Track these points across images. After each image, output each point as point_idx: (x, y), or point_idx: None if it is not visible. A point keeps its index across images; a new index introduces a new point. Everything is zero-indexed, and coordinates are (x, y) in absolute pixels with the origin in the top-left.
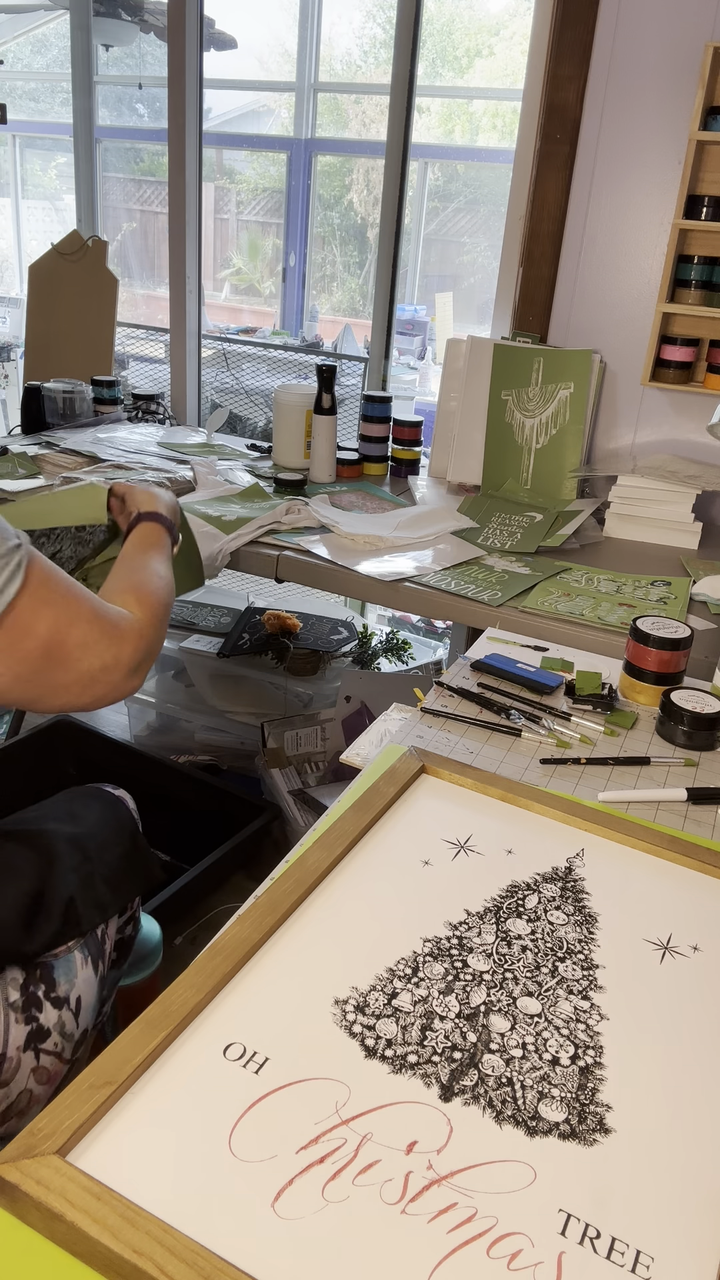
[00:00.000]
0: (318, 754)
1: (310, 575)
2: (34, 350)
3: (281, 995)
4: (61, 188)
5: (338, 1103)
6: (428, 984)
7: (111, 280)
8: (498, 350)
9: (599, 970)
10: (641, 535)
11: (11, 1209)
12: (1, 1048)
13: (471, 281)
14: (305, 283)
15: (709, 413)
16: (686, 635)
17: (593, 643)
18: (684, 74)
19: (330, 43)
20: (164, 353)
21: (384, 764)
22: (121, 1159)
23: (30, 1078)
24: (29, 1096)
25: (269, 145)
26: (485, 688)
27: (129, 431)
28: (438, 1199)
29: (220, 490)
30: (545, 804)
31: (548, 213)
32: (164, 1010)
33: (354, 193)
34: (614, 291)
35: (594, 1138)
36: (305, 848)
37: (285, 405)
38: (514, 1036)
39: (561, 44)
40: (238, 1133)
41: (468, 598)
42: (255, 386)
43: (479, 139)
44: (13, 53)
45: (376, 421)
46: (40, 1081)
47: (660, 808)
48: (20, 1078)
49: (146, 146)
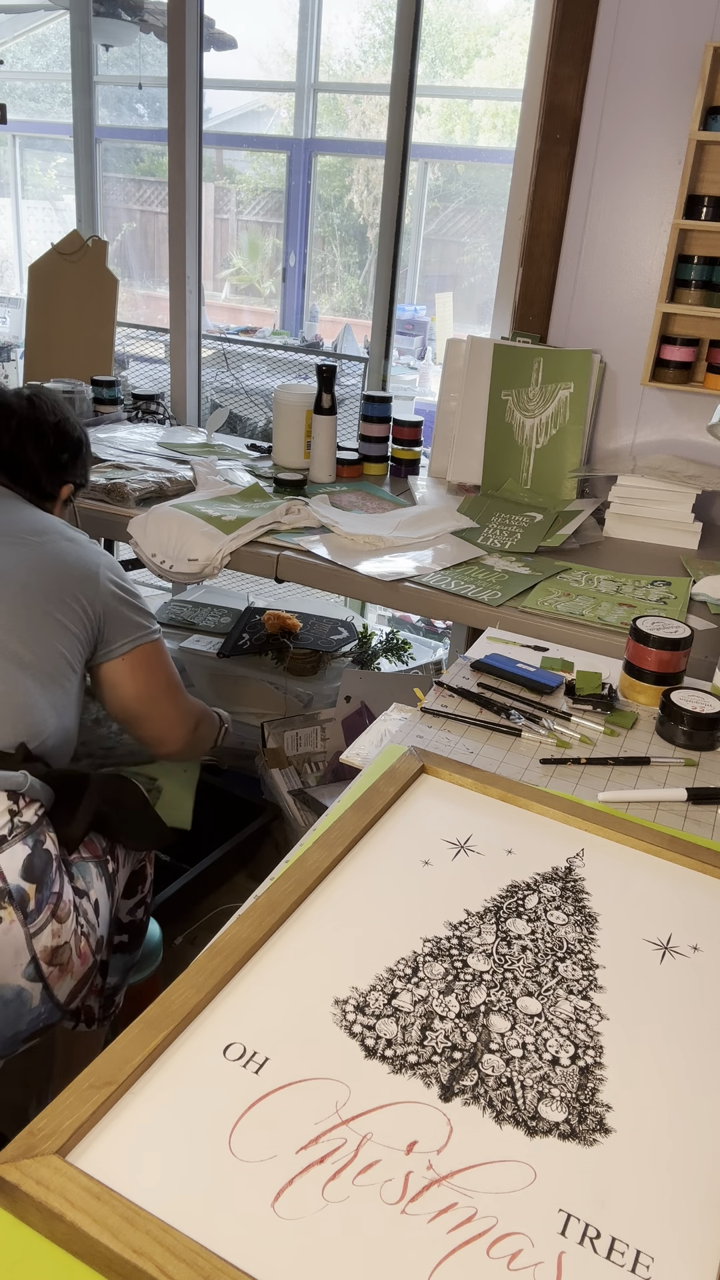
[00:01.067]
0: (318, 754)
1: (310, 575)
2: (34, 350)
3: (281, 995)
4: (61, 188)
5: (338, 1103)
6: (428, 984)
7: (111, 280)
8: (498, 350)
9: (599, 970)
10: (641, 535)
11: (11, 1209)
12: (59, 888)
13: (471, 281)
14: (305, 283)
15: (709, 413)
16: (686, 635)
17: (593, 643)
18: (684, 74)
19: (330, 43)
20: (164, 353)
21: (384, 764)
22: (121, 1159)
23: (73, 935)
24: (70, 954)
25: (269, 145)
26: (485, 688)
27: (129, 431)
28: (438, 1199)
29: (220, 490)
30: (545, 804)
31: (548, 213)
32: (164, 1010)
33: (354, 193)
34: (614, 291)
35: (594, 1138)
36: (305, 848)
37: (285, 405)
38: (514, 1036)
39: (561, 44)
40: (238, 1133)
41: (468, 598)
42: (255, 386)
43: (479, 139)
44: (13, 53)
45: (376, 421)
46: (78, 952)
47: (660, 808)
48: (69, 927)
49: (146, 146)
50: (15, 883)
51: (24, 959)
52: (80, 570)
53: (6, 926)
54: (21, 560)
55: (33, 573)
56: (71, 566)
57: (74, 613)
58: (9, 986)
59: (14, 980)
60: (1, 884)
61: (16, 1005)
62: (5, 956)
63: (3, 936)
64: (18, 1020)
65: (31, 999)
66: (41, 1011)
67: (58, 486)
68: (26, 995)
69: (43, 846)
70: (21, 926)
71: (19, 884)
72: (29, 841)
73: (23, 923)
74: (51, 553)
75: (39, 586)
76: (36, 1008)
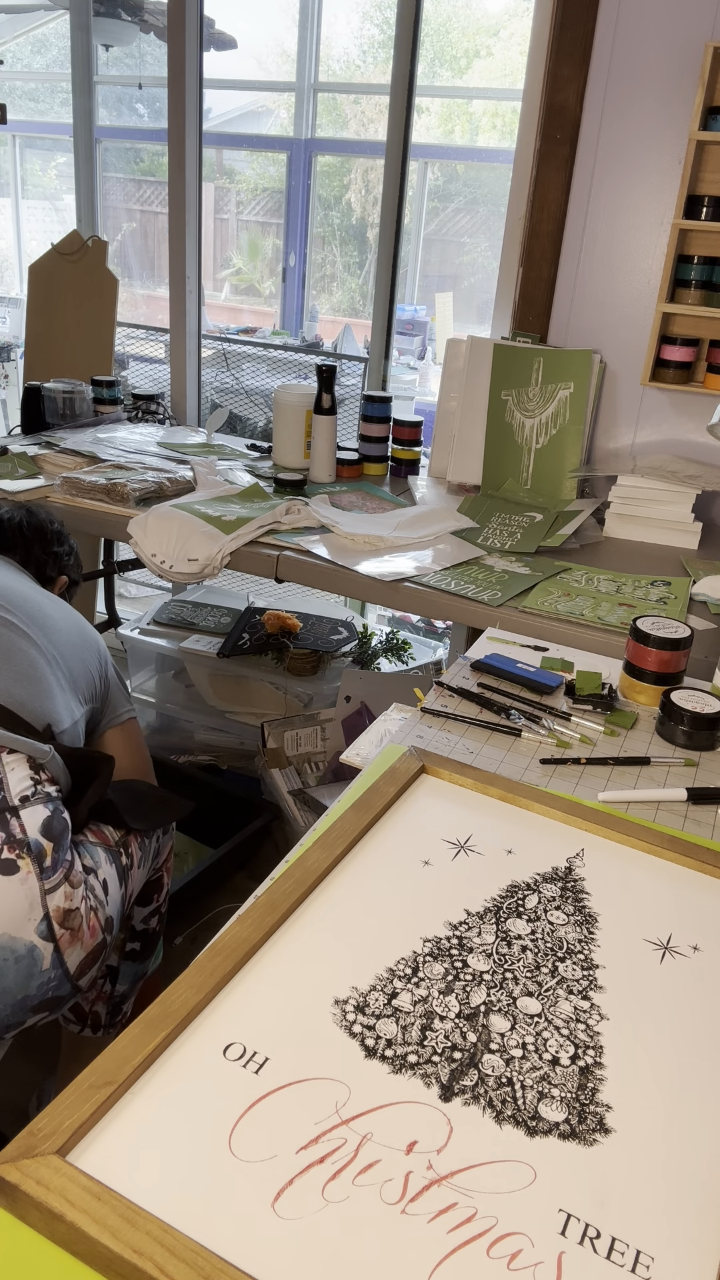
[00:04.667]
0: (318, 754)
1: (310, 575)
2: (34, 350)
3: (281, 995)
4: (61, 188)
5: (338, 1103)
6: (428, 984)
7: (111, 280)
8: (498, 350)
9: (599, 970)
10: (641, 535)
11: (11, 1209)
12: (71, 857)
13: (471, 281)
14: (305, 283)
15: (709, 413)
16: (686, 635)
17: (593, 643)
18: (684, 74)
19: (329, 43)
20: (164, 353)
21: (384, 764)
22: (121, 1159)
23: (83, 903)
24: (80, 920)
25: (269, 145)
26: (485, 688)
27: (129, 431)
28: (438, 1199)
29: (220, 490)
30: (545, 804)
31: (548, 213)
32: (164, 1010)
33: (353, 193)
34: (614, 291)
35: (594, 1138)
36: (305, 848)
37: (285, 405)
38: (514, 1036)
39: (561, 44)
40: (238, 1133)
41: (468, 598)
42: (255, 386)
43: (479, 139)
44: (13, 53)
45: (376, 421)
46: (88, 923)
47: (660, 808)
48: (79, 893)
49: (146, 146)
50: (34, 838)
51: (38, 914)
52: (95, 641)
53: (24, 876)
54: (53, 608)
55: (63, 620)
56: (88, 630)
57: (95, 666)
58: (22, 941)
59: (28, 935)
60: (22, 835)
61: (28, 963)
62: (20, 908)
63: (20, 886)
64: (28, 981)
65: (43, 959)
66: (51, 977)
67: (57, 573)
68: (39, 954)
69: (61, 814)
70: (38, 880)
71: (38, 839)
72: (49, 806)
73: (39, 876)
74: (76, 618)
75: (69, 631)
76: (47, 970)
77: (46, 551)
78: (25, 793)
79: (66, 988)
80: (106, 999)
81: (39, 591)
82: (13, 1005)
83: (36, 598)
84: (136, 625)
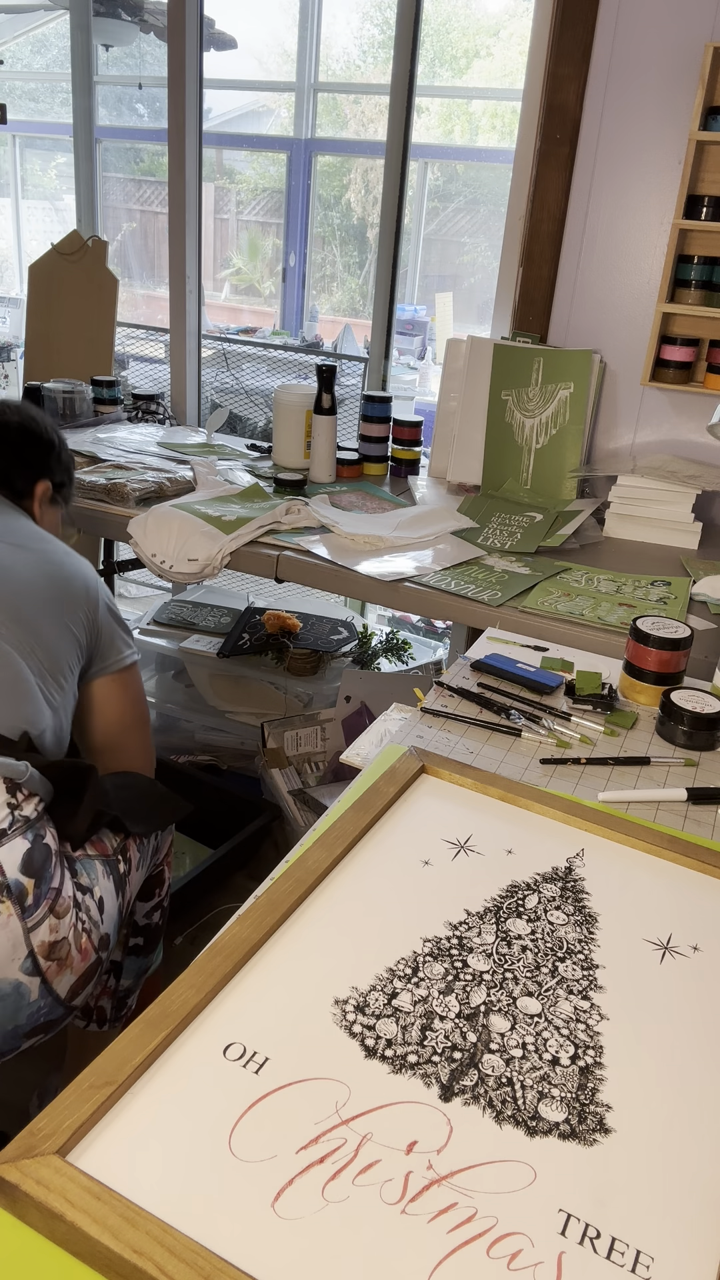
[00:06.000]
0: (318, 754)
1: (310, 575)
2: (34, 350)
3: (281, 995)
4: (61, 188)
5: (338, 1103)
6: (428, 984)
7: (111, 280)
8: (498, 350)
9: (599, 970)
10: (641, 535)
11: (11, 1209)
12: (58, 883)
13: (471, 281)
14: (305, 283)
15: (709, 413)
16: (686, 635)
17: (593, 643)
18: (684, 74)
19: (329, 43)
20: (164, 353)
21: (384, 764)
22: (121, 1159)
23: (71, 931)
24: (69, 949)
25: (269, 145)
26: (485, 688)
27: (129, 431)
28: (438, 1199)
29: (220, 490)
30: (545, 804)
31: (548, 213)
32: (164, 1010)
33: (353, 193)
34: (614, 291)
35: (594, 1138)
36: (305, 848)
37: (285, 405)
38: (514, 1036)
39: (561, 44)
40: (238, 1133)
41: (468, 598)
42: (255, 386)
43: (478, 139)
44: (13, 53)
45: (376, 421)
46: (78, 948)
47: (660, 808)
48: (67, 922)
49: (146, 146)
50: (14, 877)
51: (21, 953)
52: (82, 581)
53: (4, 920)
54: (25, 563)
55: (38, 574)
56: (73, 576)
57: (77, 620)
58: (6, 981)
59: (11, 974)
60: (1, 878)
61: (14, 999)
62: (3, 951)
63: (0, 931)
64: (16, 1014)
65: (30, 993)
66: (41, 1006)
67: (31, 484)
68: (25, 989)
69: (42, 841)
70: (19, 921)
71: (18, 878)
72: (29, 836)
73: (20, 917)
74: (55, 560)
75: (45, 589)
76: (35, 1001)
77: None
78: (2, 825)
79: (59, 1011)
80: (111, 994)
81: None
82: (4, 1035)
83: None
84: (136, 625)
